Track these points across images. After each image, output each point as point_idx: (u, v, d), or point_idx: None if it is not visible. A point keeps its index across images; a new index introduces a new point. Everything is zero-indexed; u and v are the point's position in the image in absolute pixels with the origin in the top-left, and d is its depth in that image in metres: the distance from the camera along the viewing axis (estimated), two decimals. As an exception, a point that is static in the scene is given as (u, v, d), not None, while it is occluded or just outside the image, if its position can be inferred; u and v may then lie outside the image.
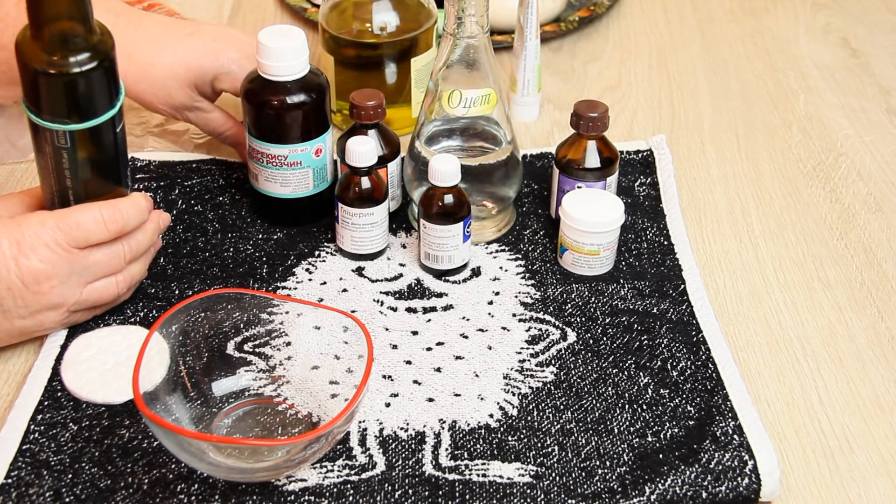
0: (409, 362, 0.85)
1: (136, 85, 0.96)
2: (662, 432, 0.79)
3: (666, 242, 0.96)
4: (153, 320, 0.87)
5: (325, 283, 0.92)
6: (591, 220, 0.90)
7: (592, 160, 0.94)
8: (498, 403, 0.82)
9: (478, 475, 0.76)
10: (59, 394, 0.81)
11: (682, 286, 0.92)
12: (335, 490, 0.75)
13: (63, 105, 0.78)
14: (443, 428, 0.79)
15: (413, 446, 0.78)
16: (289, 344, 0.82)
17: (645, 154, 1.07)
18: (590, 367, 0.84)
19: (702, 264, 0.95)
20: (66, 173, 0.81)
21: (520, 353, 0.86)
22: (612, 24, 1.32)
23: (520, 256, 0.95)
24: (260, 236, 0.97)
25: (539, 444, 0.78)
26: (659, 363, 0.85)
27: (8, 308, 0.80)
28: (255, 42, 0.92)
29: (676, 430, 0.79)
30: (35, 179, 1.03)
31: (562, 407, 0.81)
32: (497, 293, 0.91)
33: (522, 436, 0.79)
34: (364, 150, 0.90)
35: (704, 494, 0.74)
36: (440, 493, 0.75)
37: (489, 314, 0.89)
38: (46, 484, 0.75)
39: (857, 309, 0.91)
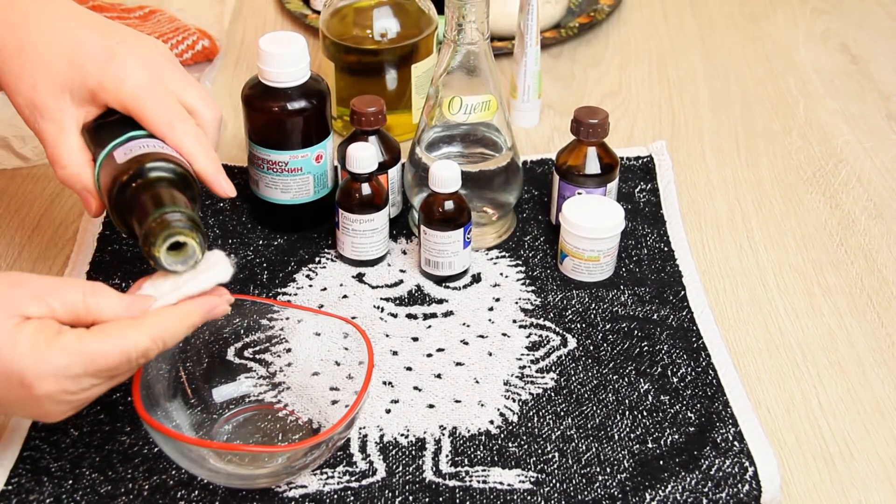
0: (409, 368, 0.85)
1: (9, 61, 0.78)
2: (663, 439, 0.79)
3: (666, 248, 0.96)
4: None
5: (325, 289, 0.92)
6: (591, 226, 0.90)
7: (593, 166, 0.95)
8: (498, 410, 0.82)
9: (478, 482, 0.76)
10: (60, 400, 0.81)
11: (683, 292, 0.92)
12: (335, 496, 0.75)
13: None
14: (443, 434, 0.79)
15: (413, 453, 0.78)
16: (289, 350, 0.82)
17: (645, 160, 1.07)
18: (590, 374, 0.84)
19: (702, 270, 0.95)
20: None
21: (520, 359, 0.86)
22: (613, 29, 1.32)
23: (520, 262, 0.95)
24: (260, 242, 0.97)
25: (539, 451, 0.78)
26: (659, 369, 0.85)
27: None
28: (168, 66, 0.79)
29: (677, 437, 0.79)
30: (34, 185, 1.03)
31: (562, 413, 0.81)
32: (497, 299, 0.91)
33: (523, 442, 0.79)
34: (364, 156, 0.90)
35: (705, 501, 0.74)
36: (441, 499, 0.75)
37: (489, 320, 0.89)
38: (47, 490, 0.75)
39: (857, 315, 0.91)
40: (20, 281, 0.67)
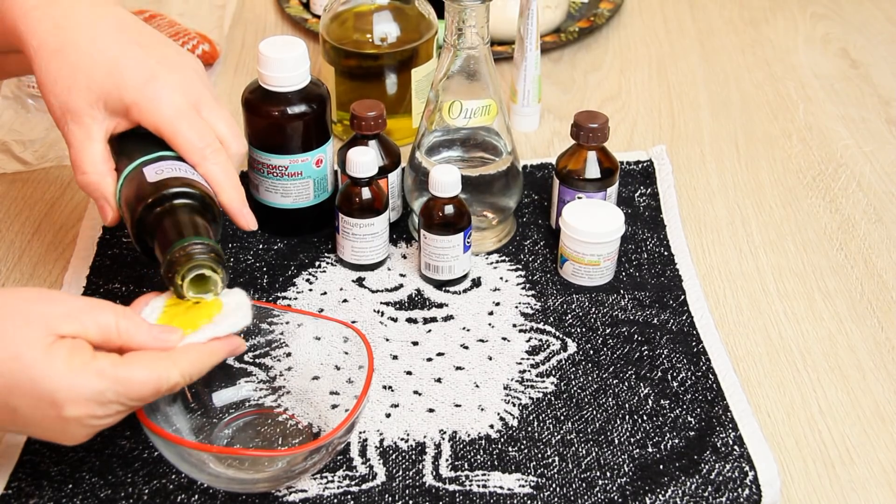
0: (409, 373, 0.85)
1: (48, 61, 0.77)
2: (663, 443, 0.79)
3: (666, 253, 0.96)
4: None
5: (325, 293, 0.92)
6: (591, 230, 0.90)
7: (593, 171, 0.95)
8: (498, 414, 0.82)
9: (478, 486, 0.76)
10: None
11: (683, 296, 0.92)
12: (335, 501, 0.75)
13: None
14: (443, 438, 0.79)
15: (413, 457, 0.78)
16: (289, 354, 0.82)
17: (645, 164, 1.07)
18: (590, 378, 0.84)
19: (702, 274, 0.95)
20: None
21: (520, 363, 0.86)
22: (612, 34, 1.32)
23: (520, 267, 0.95)
24: (260, 246, 0.97)
25: (539, 455, 0.78)
26: (659, 374, 0.85)
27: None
28: (205, 92, 0.79)
29: (677, 441, 0.79)
30: (34, 189, 1.03)
31: (562, 417, 0.81)
32: (497, 304, 0.91)
33: (523, 446, 0.79)
34: (365, 160, 0.91)
35: (705, 505, 0.74)
36: (440, 503, 0.75)
37: (489, 325, 0.89)
38: (47, 494, 0.75)
39: (857, 319, 0.91)
40: (53, 298, 0.68)
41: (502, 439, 0.79)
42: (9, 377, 0.64)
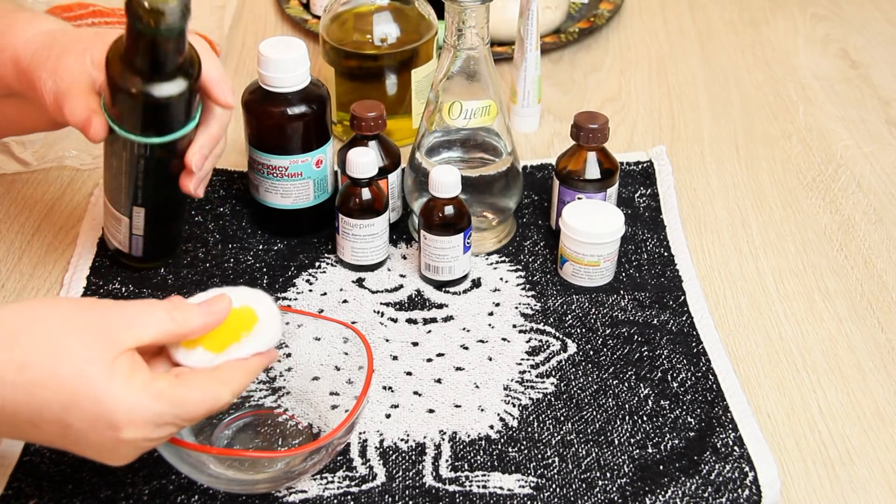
0: (409, 373, 0.85)
1: (37, 46, 0.82)
2: (663, 444, 0.79)
3: (666, 253, 0.96)
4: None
5: (325, 293, 0.92)
6: (591, 231, 0.90)
7: (593, 171, 0.95)
8: (498, 415, 0.82)
9: (478, 486, 0.76)
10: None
11: (683, 297, 0.92)
12: (335, 501, 0.75)
13: (145, 123, 0.80)
14: (443, 439, 0.79)
15: (413, 457, 0.78)
16: (289, 355, 0.82)
17: (645, 165, 1.07)
18: (590, 379, 0.84)
19: (702, 275, 0.95)
20: (139, 177, 0.84)
21: (520, 364, 0.86)
22: (612, 35, 1.32)
23: (520, 267, 0.95)
24: (260, 247, 0.97)
25: (539, 456, 0.78)
26: (659, 374, 0.85)
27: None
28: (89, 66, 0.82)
29: (677, 442, 0.79)
30: (34, 189, 1.03)
31: (562, 418, 0.81)
32: (497, 304, 0.91)
33: (523, 447, 0.79)
34: (365, 161, 0.91)
35: (705, 506, 0.74)
36: (440, 503, 0.75)
37: (489, 325, 0.89)
38: (47, 495, 0.75)
39: (857, 320, 0.91)
40: (108, 308, 0.66)
41: (502, 440, 0.79)
42: (70, 394, 0.63)
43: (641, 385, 0.84)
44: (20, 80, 0.83)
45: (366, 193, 0.92)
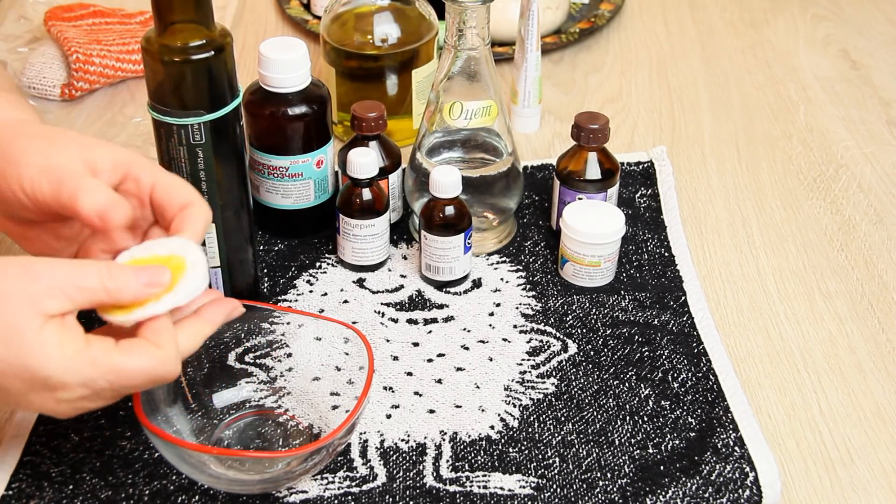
0: (409, 374, 0.85)
1: (30, 142, 0.71)
2: (663, 444, 0.79)
3: (667, 254, 0.96)
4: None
5: (326, 294, 0.92)
6: (591, 231, 0.90)
7: (593, 171, 0.95)
8: (499, 415, 0.82)
9: (479, 487, 0.76)
10: (60, 405, 0.81)
11: (683, 297, 0.92)
12: (336, 502, 0.75)
13: (193, 91, 0.80)
14: (444, 439, 0.79)
15: (414, 458, 0.78)
16: (290, 355, 0.82)
17: (645, 165, 1.07)
18: (591, 379, 0.84)
19: (702, 276, 0.95)
20: (200, 174, 0.82)
21: (521, 364, 0.86)
22: (613, 35, 1.32)
23: (521, 268, 0.95)
24: (261, 248, 0.97)
25: (540, 456, 0.78)
26: (660, 375, 0.85)
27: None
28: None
29: (677, 442, 0.79)
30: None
31: (563, 418, 0.81)
32: (498, 304, 0.91)
33: (523, 447, 0.79)
34: (365, 161, 0.91)
35: (705, 506, 0.74)
36: (441, 504, 0.75)
37: (490, 325, 0.89)
38: (48, 495, 0.75)
39: (857, 320, 0.91)
40: (35, 273, 0.65)
41: (503, 440, 0.79)
42: (2, 364, 0.63)
43: (642, 385, 0.84)
44: None
45: (366, 194, 0.92)
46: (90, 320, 0.68)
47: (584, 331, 0.89)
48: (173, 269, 0.68)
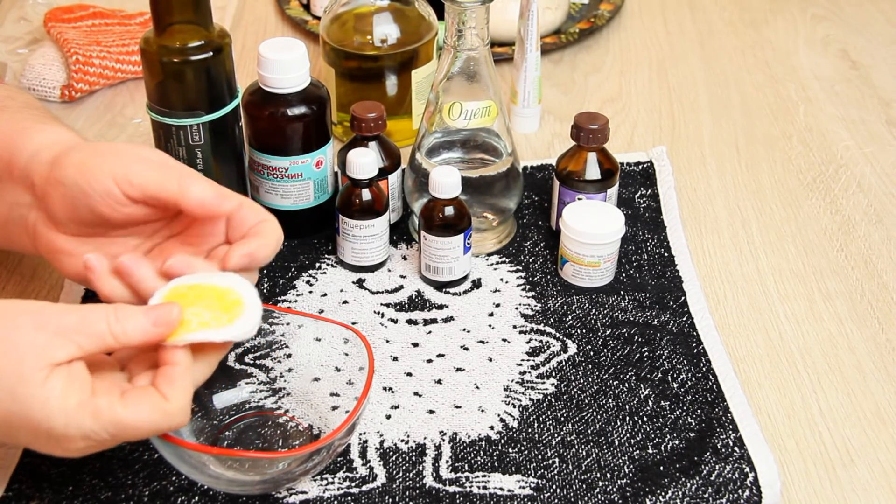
0: (409, 374, 0.85)
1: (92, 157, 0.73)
2: (663, 444, 0.79)
3: (666, 254, 0.96)
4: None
5: (325, 294, 0.92)
6: (591, 231, 0.90)
7: (593, 172, 0.95)
8: (498, 415, 0.82)
9: (478, 487, 0.76)
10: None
11: (683, 298, 0.92)
12: (336, 502, 0.75)
13: (192, 92, 0.81)
14: (443, 440, 0.79)
15: (414, 458, 0.78)
16: (289, 356, 0.82)
17: (645, 166, 1.07)
18: (590, 379, 0.84)
19: (702, 276, 0.95)
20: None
21: (520, 364, 0.86)
22: (613, 35, 1.32)
23: (520, 268, 0.95)
24: (261, 248, 0.97)
25: (540, 457, 0.78)
26: (659, 375, 0.85)
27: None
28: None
29: (677, 442, 0.79)
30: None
31: (562, 419, 0.81)
32: (498, 305, 0.91)
33: (523, 448, 0.79)
34: (365, 161, 0.91)
35: (705, 506, 0.74)
36: (441, 505, 0.75)
37: (490, 326, 0.89)
38: (47, 496, 0.75)
39: (857, 320, 0.91)
40: (42, 320, 0.64)
41: (502, 440, 0.79)
42: (6, 415, 0.63)
43: (642, 386, 0.84)
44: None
45: (366, 194, 0.92)
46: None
47: (584, 331, 0.89)
48: (229, 304, 0.68)
